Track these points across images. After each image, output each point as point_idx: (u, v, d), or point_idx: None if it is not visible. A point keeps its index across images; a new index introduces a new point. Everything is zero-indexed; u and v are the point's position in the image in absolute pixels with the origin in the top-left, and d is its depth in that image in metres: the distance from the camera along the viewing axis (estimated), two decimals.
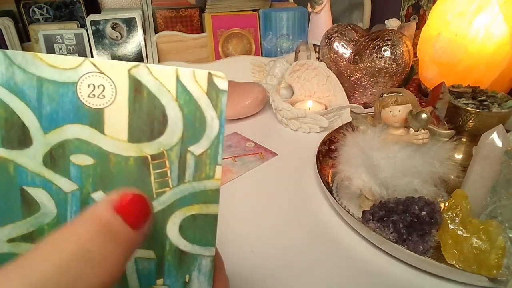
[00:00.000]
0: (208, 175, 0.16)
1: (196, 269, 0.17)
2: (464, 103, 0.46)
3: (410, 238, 0.34)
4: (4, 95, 0.14)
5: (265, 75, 0.72)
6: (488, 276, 0.30)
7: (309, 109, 0.63)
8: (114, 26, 0.72)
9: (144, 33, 0.74)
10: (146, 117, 0.15)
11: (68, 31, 0.70)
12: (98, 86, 0.15)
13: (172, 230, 0.16)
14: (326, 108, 0.62)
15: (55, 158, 0.15)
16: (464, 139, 0.48)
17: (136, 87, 0.15)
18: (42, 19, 0.74)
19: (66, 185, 0.15)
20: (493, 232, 0.31)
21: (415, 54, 0.64)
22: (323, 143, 0.50)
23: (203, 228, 0.16)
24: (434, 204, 0.35)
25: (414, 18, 0.87)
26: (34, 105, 0.14)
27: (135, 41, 0.74)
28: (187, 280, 0.17)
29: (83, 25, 0.74)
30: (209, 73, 0.15)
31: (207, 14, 0.78)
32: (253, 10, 0.81)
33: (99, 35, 0.72)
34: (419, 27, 0.73)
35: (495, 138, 0.35)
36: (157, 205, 0.16)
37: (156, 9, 0.79)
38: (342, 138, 0.41)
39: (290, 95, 0.66)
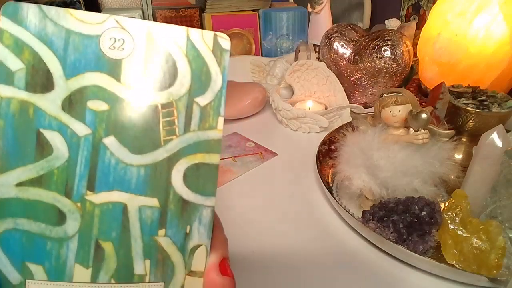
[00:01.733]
0: (212, 125, 0.17)
1: (197, 220, 0.17)
2: (464, 103, 0.46)
3: (410, 238, 0.34)
4: (35, 44, 0.16)
5: (265, 75, 0.72)
6: (488, 276, 0.30)
7: (309, 109, 0.63)
8: None
9: None
10: (159, 69, 0.17)
11: None
12: (119, 40, 0.16)
13: (177, 178, 0.17)
14: (326, 108, 0.62)
15: (73, 103, 0.16)
16: (464, 139, 0.48)
17: (152, 43, 0.16)
18: None
19: (80, 129, 0.16)
20: (493, 232, 0.31)
21: (415, 54, 0.64)
22: (323, 143, 0.50)
23: (205, 177, 0.17)
24: (434, 204, 0.35)
25: (414, 18, 0.87)
26: (60, 53, 0.16)
27: None
28: (187, 231, 0.17)
29: None
30: (215, 34, 0.17)
31: (207, 14, 0.78)
32: (253, 10, 0.81)
33: None
34: (419, 27, 0.73)
35: (495, 138, 0.35)
36: (164, 152, 0.17)
37: (156, 9, 0.79)
38: (342, 138, 0.41)
39: (290, 95, 0.66)
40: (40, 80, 0.16)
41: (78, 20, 0.16)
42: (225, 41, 0.17)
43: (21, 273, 0.16)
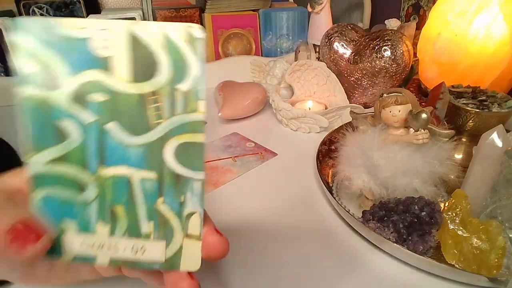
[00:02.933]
0: (193, 109, 0.20)
1: (189, 191, 0.21)
2: (464, 103, 0.46)
3: (410, 238, 0.34)
4: (41, 51, 0.19)
5: (265, 75, 0.72)
6: (488, 276, 0.30)
7: (309, 109, 0.63)
8: None
9: None
10: (143, 62, 0.19)
11: None
12: (104, 40, 0.19)
13: (168, 155, 0.20)
14: (326, 108, 0.62)
15: (79, 96, 0.20)
16: (464, 139, 0.48)
17: (134, 39, 0.19)
18: None
19: (87, 117, 0.20)
20: (493, 232, 0.31)
21: (415, 54, 0.64)
22: (323, 143, 0.50)
23: (193, 154, 0.20)
24: (434, 204, 0.35)
25: (414, 18, 0.87)
26: (61, 56, 0.19)
27: None
28: (182, 200, 0.21)
29: None
30: (188, 26, 0.19)
31: (207, 14, 0.78)
32: (253, 10, 0.81)
33: None
34: (419, 27, 0.73)
35: (495, 138, 0.35)
36: (155, 134, 0.20)
37: (156, 9, 0.79)
38: (342, 138, 0.41)
39: (290, 95, 0.66)
40: (50, 79, 0.19)
41: (69, 27, 0.19)
42: (197, 30, 0.19)
43: (58, 227, 0.21)
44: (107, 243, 0.21)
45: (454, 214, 0.34)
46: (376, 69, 0.59)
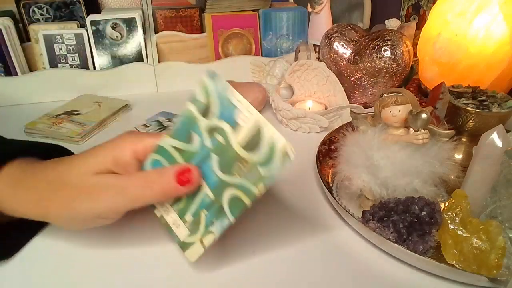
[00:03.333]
0: (257, 185, 0.28)
1: (220, 221, 0.30)
2: (464, 103, 0.46)
3: (410, 238, 0.34)
4: (213, 94, 0.29)
5: (265, 75, 0.72)
6: (488, 276, 0.30)
7: (309, 109, 0.63)
8: (114, 26, 0.72)
9: (144, 33, 0.74)
10: (253, 142, 0.28)
11: (68, 31, 0.70)
12: (245, 116, 0.28)
13: (226, 194, 0.29)
14: (326, 108, 0.62)
15: (211, 129, 0.29)
16: (464, 139, 0.48)
17: (258, 129, 0.27)
18: (42, 19, 0.74)
19: (207, 143, 0.30)
20: (493, 232, 0.31)
21: (415, 54, 0.64)
22: (323, 143, 0.50)
23: (236, 205, 0.29)
24: (434, 204, 0.35)
25: (414, 18, 0.87)
26: (219, 106, 0.29)
27: (135, 41, 0.74)
28: (213, 221, 0.30)
29: (83, 25, 0.74)
30: (289, 146, 0.27)
31: (207, 14, 0.78)
32: (253, 10, 0.81)
33: (99, 35, 0.72)
34: (419, 27, 0.73)
35: (495, 138, 0.35)
36: (229, 178, 0.29)
37: (156, 9, 0.79)
38: (342, 138, 0.42)
39: (290, 95, 0.66)
40: (205, 111, 0.30)
41: (234, 96, 0.28)
42: (291, 154, 0.26)
43: None
44: (167, 208, 0.32)
45: (454, 214, 0.34)
46: (376, 69, 0.59)
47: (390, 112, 0.37)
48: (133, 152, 0.31)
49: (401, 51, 0.57)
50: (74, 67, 0.72)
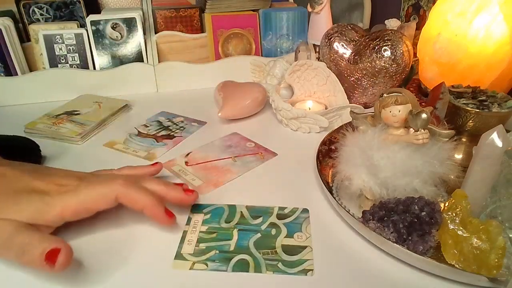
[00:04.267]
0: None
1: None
2: (464, 103, 0.46)
3: (410, 238, 0.34)
4: None
5: (265, 75, 0.72)
6: (488, 276, 0.30)
7: (309, 109, 0.63)
8: (114, 26, 0.72)
9: (144, 33, 0.74)
10: None
11: (68, 31, 0.70)
12: None
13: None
14: (326, 108, 0.62)
15: None
16: (464, 139, 0.48)
17: None
18: (42, 19, 0.74)
19: None
20: (493, 232, 0.31)
21: (415, 54, 0.64)
22: (323, 143, 0.50)
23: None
24: (434, 204, 0.35)
25: (414, 18, 0.87)
26: None
27: (135, 41, 0.74)
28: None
29: (83, 25, 0.74)
30: None
31: (207, 14, 0.78)
32: (253, 10, 0.81)
33: (99, 35, 0.72)
34: (419, 27, 0.73)
35: (495, 138, 0.35)
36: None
37: (156, 9, 0.79)
38: (342, 138, 0.41)
39: (290, 95, 0.66)
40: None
41: None
42: None
43: None
44: None
45: (454, 214, 0.34)
46: (376, 69, 0.59)
47: (390, 112, 0.37)
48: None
49: (401, 51, 0.57)
50: (74, 67, 0.72)
